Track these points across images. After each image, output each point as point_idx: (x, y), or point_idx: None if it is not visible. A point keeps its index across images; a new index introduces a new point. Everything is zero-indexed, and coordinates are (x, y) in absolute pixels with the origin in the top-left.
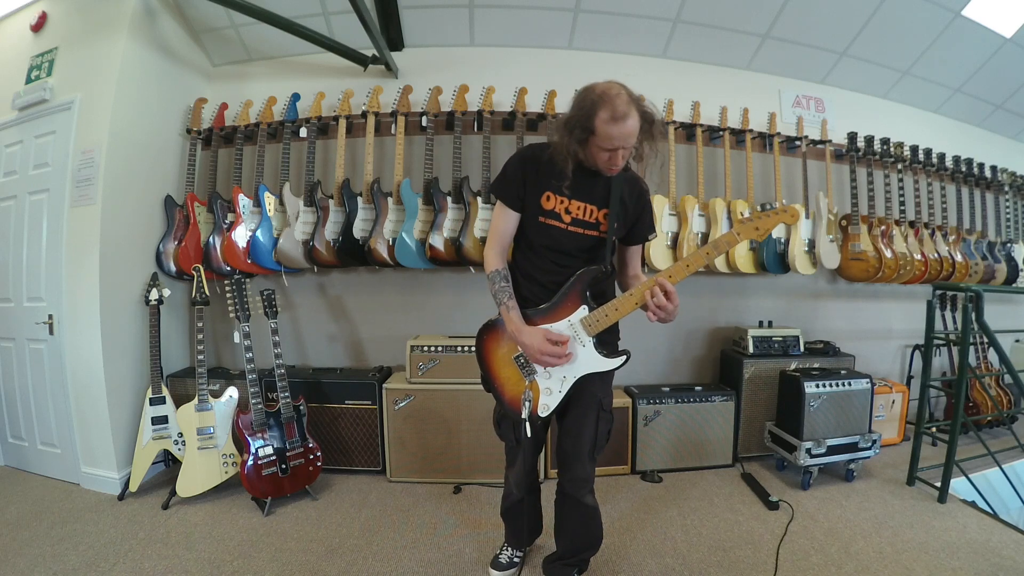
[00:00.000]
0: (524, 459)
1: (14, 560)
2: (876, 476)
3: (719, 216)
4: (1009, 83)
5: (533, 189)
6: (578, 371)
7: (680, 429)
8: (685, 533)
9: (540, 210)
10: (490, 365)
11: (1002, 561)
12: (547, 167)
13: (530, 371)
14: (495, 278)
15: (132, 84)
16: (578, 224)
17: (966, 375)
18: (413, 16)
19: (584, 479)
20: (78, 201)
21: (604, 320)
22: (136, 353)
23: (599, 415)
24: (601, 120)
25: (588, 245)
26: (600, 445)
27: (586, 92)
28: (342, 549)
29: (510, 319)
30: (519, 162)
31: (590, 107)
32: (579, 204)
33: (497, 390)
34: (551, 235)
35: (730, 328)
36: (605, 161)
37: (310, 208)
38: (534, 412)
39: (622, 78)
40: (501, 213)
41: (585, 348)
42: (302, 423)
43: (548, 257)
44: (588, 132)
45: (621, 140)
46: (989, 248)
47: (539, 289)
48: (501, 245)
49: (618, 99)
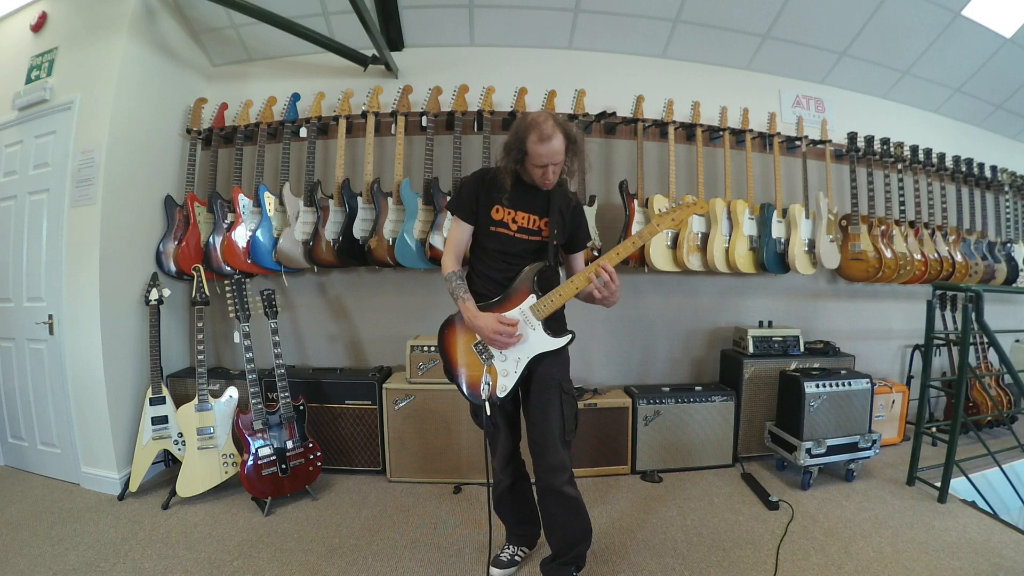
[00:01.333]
0: (502, 443)
1: (14, 560)
2: (876, 476)
3: (719, 216)
4: (1009, 83)
5: (485, 204)
6: (531, 351)
7: (680, 429)
8: (685, 533)
9: (490, 220)
10: (452, 356)
11: (1002, 561)
12: (497, 185)
13: (488, 356)
14: (451, 278)
15: (132, 84)
16: (523, 231)
17: (966, 375)
18: (413, 16)
19: (560, 466)
20: (78, 201)
21: (550, 305)
22: (136, 353)
23: (561, 398)
24: (531, 141)
25: (533, 248)
26: (569, 428)
27: (520, 120)
28: (342, 549)
29: (466, 308)
30: (474, 183)
31: (523, 132)
32: (523, 214)
33: (459, 378)
34: (501, 240)
35: (730, 328)
36: (540, 176)
37: (310, 208)
38: (493, 393)
39: (622, 78)
40: (457, 226)
41: (535, 331)
42: (302, 423)
43: (500, 259)
44: (522, 152)
45: (549, 157)
46: (989, 248)
47: (493, 285)
48: (457, 252)
49: (545, 124)
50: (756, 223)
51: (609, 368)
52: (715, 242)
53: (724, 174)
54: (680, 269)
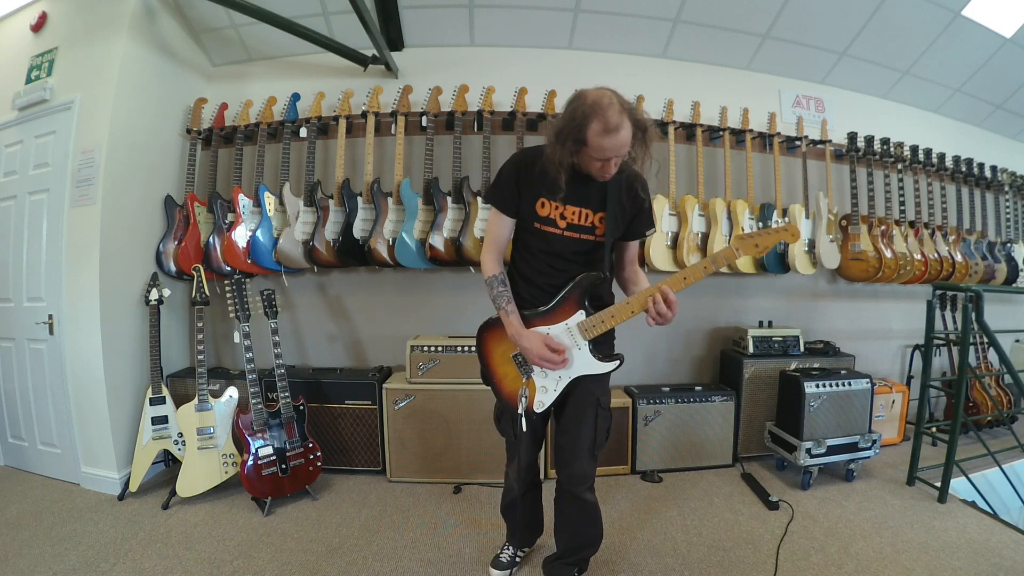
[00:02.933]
0: (523, 454)
1: (14, 560)
2: (876, 476)
3: (719, 216)
4: (1009, 83)
5: (528, 196)
6: (573, 373)
7: (680, 429)
8: (685, 533)
9: (535, 216)
10: (489, 361)
11: (1002, 561)
12: (541, 173)
13: (527, 370)
14: (493, 283)
15: (132, 84)
16: (573, 229)
17: (966, 375)
18: (413, 16)
19: (584, 476)
20: (78, 201)
21: (600, 326)
22: (136, 353)
23: (598, 412)
24: (594, 132)
25: (585, 249)
26: (600, 443)
27: (578, 101)
28: (342, 549)
29: (510, 323)
30: (512, 169)
31: (582, 118)
32: (574, 209)
33: (495, 385)
34: (547, 240)
35: (730, 328)
36: (598, 169)
37: (310, 208)
38: (530, 408)
39: (622, 78)
40: (496, 219)
41: (581, 351)
42: (302, 423)
43: (545, 261)
44: (580, 144)
45: (614, 151)
46: (989, 248)
47: (538, 292)
48: (497, 250)
49: (610, 110)
50: (756, 223)
51: None
52: (715, 242)
53: (724, 174)
54: (680, 269)
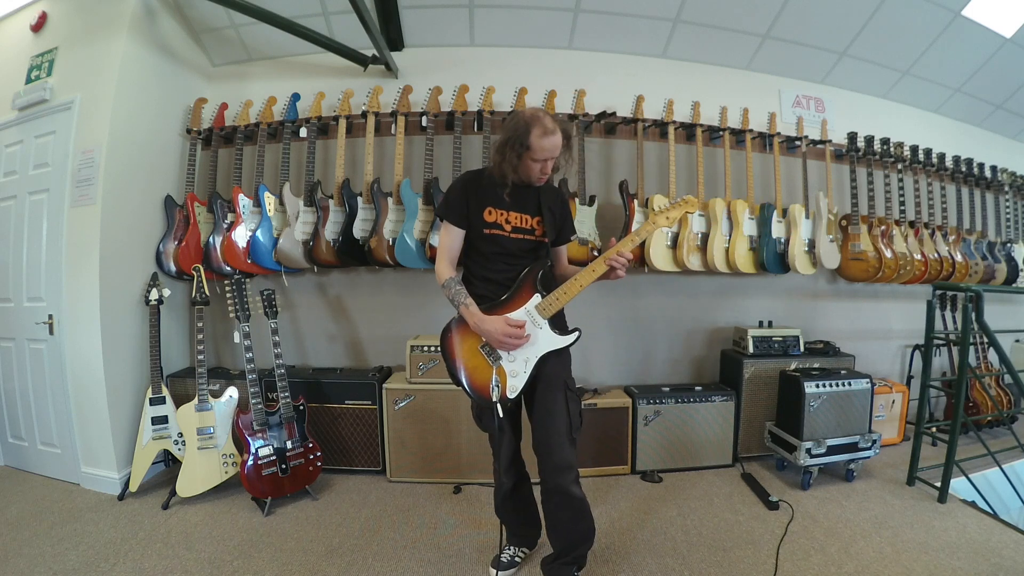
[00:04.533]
0: (507, 445)
1: (14, 560)
2: (876, 476)
3: (719, 216)
4: (1009, 83)
5: (475, 207)
6: (539, 351)
7: (680, 429)
8: (685, 533)
9: (484, 223)
10: (457, 359)
11: (1002, 561)
12: (485, 188)
13: (496, 357)
14: (450, 284)
15: (132, 84)
16: (518, 231)
17: (966, 375)
18: (413, 16)
19: (567, 464)
20: (78, 201)
21: (556, 304)
22: (136, 353)
23: (567, 395)
24: (535, 136)
25: (529, 247)
26: (575, 425)
27: (517, 117)
28: (342, 549)
29: (471, 314)
30: (461, 187)
31: (524, 127)
32: (516, 214)
33: (467, 379)
34: (498, 242)
35: (730, 328)
36: (538, 171)
37: (310, 208)
38: (503, 395)
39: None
40: (448, 231)
41: (542, 330)
42: (302, 423)
43: (498, 260)
44: (524, 148)
45: (551, 151)
46: (989, 248)
47: (495, 287)
48: (451, 258)
49: (546, 118)
50: (756, 223)
51: (609, 368)
52: (715, 242)
53: (724, 174)
54: (680, 269)
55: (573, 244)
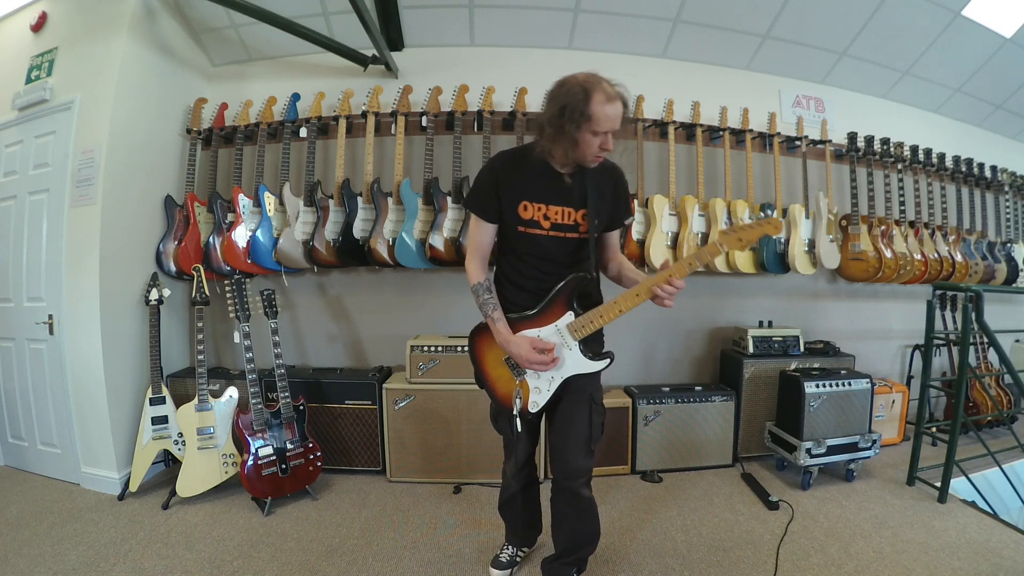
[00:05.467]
0: (520, 451)
1: (14, 560)
2: (876, 476)
3: (719, 216)
4: (1009, 83)
5: (508, 200)
6: (565, 372)
7: (680, 429)
8: (685, 533)
9: (518, 219)
10: (483, 365)
11: (1002, 561)
12: (522, 176)
13: (520, 371)
14: (479, 290)
15: (132, 84)
16: (558, 228)
17: (966, 375)
18: (413, 16)
19: (581, 470)
20: (78, 201)
21: (589, 326)
22: (136, 353)
23: (591, 408)
24: (597, 102)
25: (571, 248)
26: (595, 437)
27: (567, 84)
28: (342, 549)
29: (497, 331)
30: (490, 174)
31: (582, 94)
32: (556, 208)
33: (490, 387)
34: (534, 242)
35: (730, 328)
36: (596, 148)
37: (310, 208)
38: (524, 409)
39: (622, 78)
40: (478, 226)
41: (572, 351)
42: (302, 423)
43: (533, 264)
44: (585, 118)
45: (615, 120)
46: (989, 248)
47: (527, 296)
48: (481, 256)
49: (604, 83)
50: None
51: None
52: None
53: (724, 174)
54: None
55: None
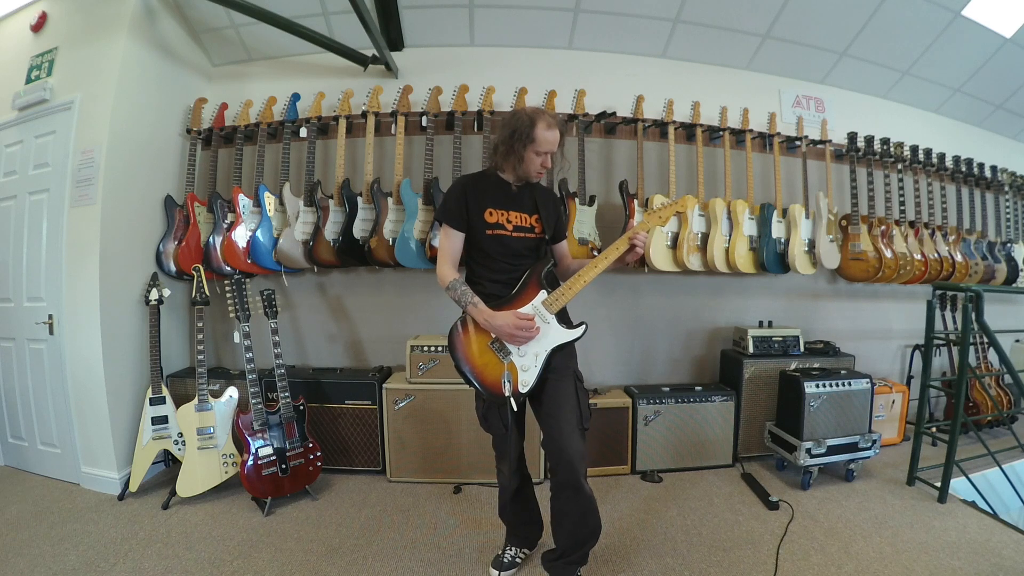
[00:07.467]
0: (514, 444)
1: (14, 560)
2: (876, 476)
3: (719, 216)
4: (1009, 83)
5: (476, 209)
6: (548, 344)
7: (680, 429)
8: (685, 533)
9: (485, 224)
10: (468, 358)
11: (1002, 561)
12: (484, 189)
13: (506, 353)
14: (455, 286)
15: (132, 84)
16: (519, 230)
17: (966, 375)
18: (413, 16)
19: (579, 456)
20: (78, 201)
21: (562, 299)
22: (136, 353)
23: (576, 386)
24: (540, 128)
25: (532, 245)
26: (585, 415)
27: (518, 114)
28: (342, 549)
29: (479, 312)
30: (460, 190)
31: (528, 121)
32: (516, 213)
33: (477, 378)
34: (501, 242)
35: (730, 328)
36: (538, 165)
37: (310, 208)
38: (515, 390)
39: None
40: (448, 234)
41: (549, 324)
42: (302, 423)
43: (503, 260)
44: (530, 140)
45: (553, 144)
46: (989, 248)
47: (501, 286)
48: (452, 261)
49: (547, 114)
50: (756, 223)
51: (609, 368)
52: (715, 242)
53: (724, 174)
54: (680, 269)
55: (573, 244)
